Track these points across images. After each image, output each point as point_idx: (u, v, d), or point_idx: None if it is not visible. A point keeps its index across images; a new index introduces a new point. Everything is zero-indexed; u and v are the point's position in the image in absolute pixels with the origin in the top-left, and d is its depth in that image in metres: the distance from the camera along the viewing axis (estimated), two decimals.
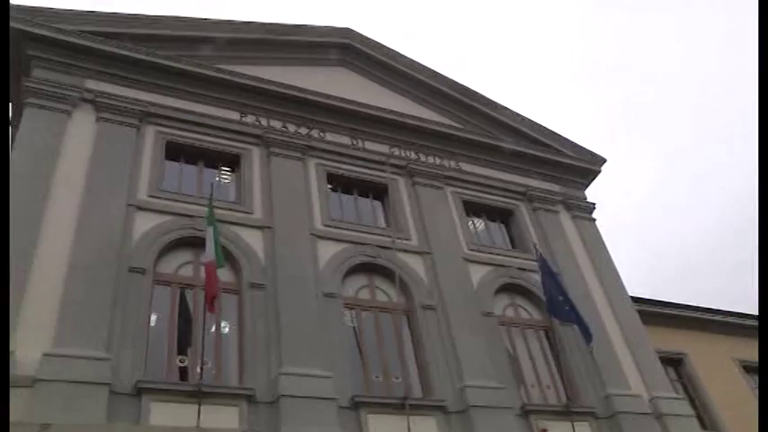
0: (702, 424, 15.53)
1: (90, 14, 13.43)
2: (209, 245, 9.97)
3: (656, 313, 17.56)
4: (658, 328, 16.81)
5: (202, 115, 13.51)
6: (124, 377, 9.13)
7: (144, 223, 11.20)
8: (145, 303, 10.21)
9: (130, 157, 11.94)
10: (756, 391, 17.94)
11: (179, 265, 11.24)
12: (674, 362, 17.29)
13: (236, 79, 14.16)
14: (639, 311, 15.44)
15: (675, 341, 17.40)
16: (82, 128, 12.01)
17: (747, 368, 18.34)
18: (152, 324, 10.28)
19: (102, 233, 10.49)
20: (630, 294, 15.65)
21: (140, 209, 11.37)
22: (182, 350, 10.18)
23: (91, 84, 12.75)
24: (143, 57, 13.32)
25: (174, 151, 12.99)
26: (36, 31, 12.33)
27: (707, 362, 17.42)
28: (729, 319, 19.01)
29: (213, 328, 10.63)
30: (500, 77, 76.66)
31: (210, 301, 9.48)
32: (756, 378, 18.44)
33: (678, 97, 79.15)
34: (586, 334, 12.26)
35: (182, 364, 9.93)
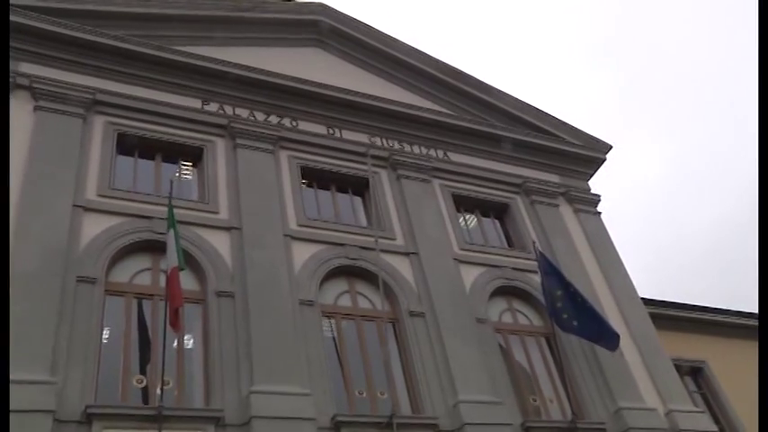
0: None
1: None
2: (171, 250, 9.84)
3: (671, 316, 17.58)
4: (674, 333, 16.85)
5: (159, 103, 13.41)
6: (71, 402, 8.94)
7: (94, 226, 11.09)
8: (96, 317, 10.07)
9: (76, 152, 11.80)
10: None
11: (135, 272, 11.16)
12: (692, 371, 17.37)
13: (197, 62, 14.05)
14: (652, 315, 15.45)
15: (694, 348, 17.45)
16: (18, 118, 11.67)
17: None
18: (104, 340, 10.18)
19: (45, 238, 10.33)
20: (641, 296, 15.66)
21: (89, 210, 11.26)
22: (139, 369, 10.10)
23: (25, 67, 12.52)
24: (88, 37, 13.13)
25: (128, 144, 12.90)
26: None
27: (729, 370, 17.40)
28: (752, 322, 18.98)
29: (175, 343, 10.55)
30: (499, 61, 77.17)
31: (174, 314, 9.32)
32: None
33: (685, 92, 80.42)
34: (610, 340, 12.33)
35: (139, 385, 9.85)
